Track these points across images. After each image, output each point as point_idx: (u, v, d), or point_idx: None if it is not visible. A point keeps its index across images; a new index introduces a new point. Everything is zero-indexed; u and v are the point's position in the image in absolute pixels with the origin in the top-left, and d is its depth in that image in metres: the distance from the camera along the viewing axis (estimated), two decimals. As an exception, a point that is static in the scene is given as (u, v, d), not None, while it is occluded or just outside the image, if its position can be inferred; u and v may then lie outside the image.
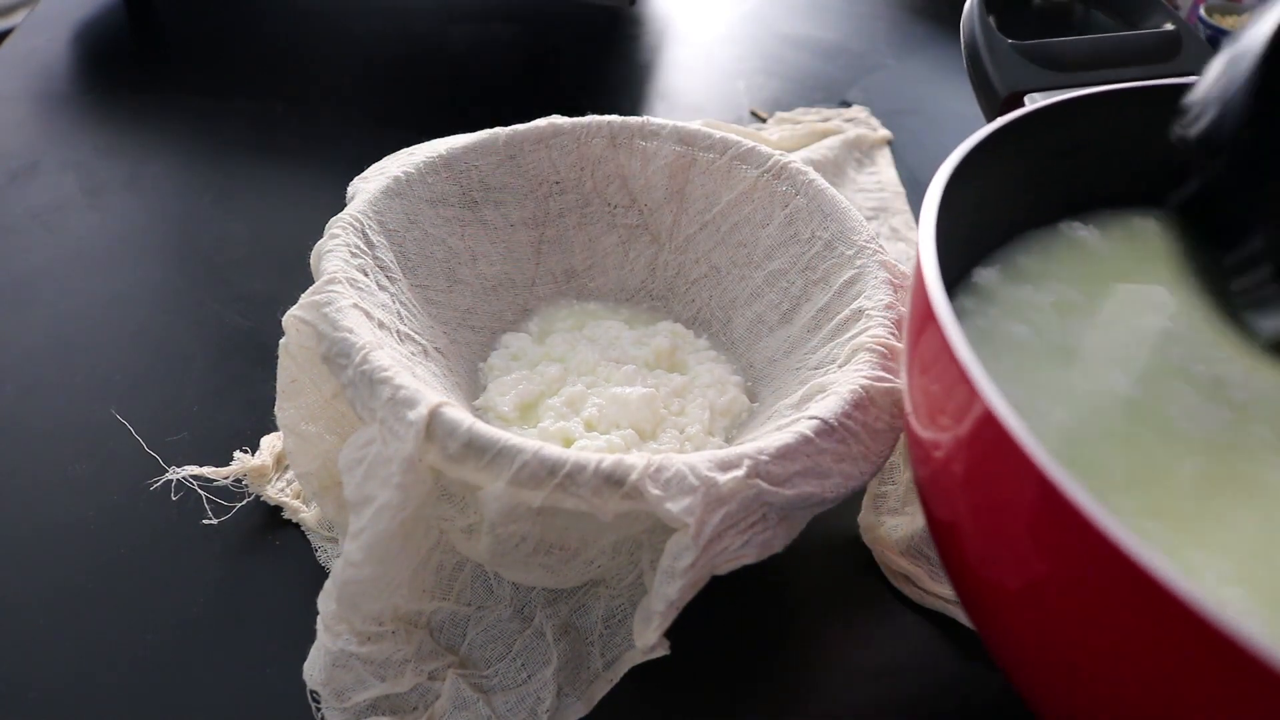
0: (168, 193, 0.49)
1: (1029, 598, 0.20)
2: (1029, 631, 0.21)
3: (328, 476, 0.31)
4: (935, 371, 0.22)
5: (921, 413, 0.24)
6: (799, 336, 0.35)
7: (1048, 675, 0.21)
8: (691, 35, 0.70)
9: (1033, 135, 0.30)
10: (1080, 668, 0.19)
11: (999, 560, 0.21)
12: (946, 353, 0.21)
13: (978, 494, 0.21)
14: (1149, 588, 0.16)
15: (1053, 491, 0.17)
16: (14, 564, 0.32)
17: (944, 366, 0.21)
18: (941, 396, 0.22)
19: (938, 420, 0.22)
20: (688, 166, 0.39)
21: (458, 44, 0.64)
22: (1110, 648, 0.18)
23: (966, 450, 0.21)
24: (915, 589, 0.33)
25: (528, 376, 0.35)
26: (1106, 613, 0.18)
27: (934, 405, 0.23)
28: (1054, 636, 0.20)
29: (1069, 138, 0.31)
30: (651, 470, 0.25)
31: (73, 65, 0.59)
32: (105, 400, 0.37)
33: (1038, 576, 0.20)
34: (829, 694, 0.31)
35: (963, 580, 0.24)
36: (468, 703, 0.28)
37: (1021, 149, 0.30)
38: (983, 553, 0.22)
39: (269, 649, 0.30)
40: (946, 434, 0.22)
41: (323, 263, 0.31)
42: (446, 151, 0.37)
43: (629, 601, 0.31)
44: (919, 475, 0.25)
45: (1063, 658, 0.20)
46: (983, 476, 0.21)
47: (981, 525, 0.22)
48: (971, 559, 0.23)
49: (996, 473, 0.20)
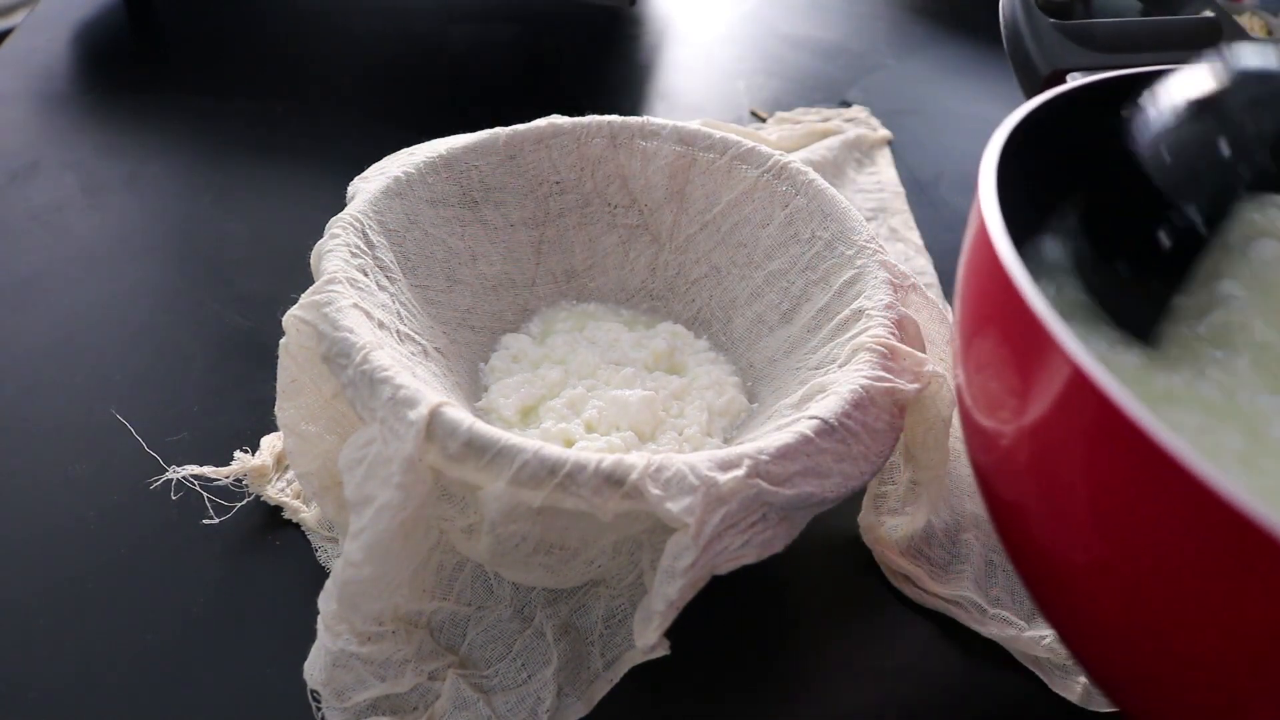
0: (168, 193, 0.50)
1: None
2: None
3: (328, 476, 0.31)
4: (1012, 340, 0.22)
5: (991, 386, 0.23)
6: (799, 336, 0.35)
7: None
8: (691, 35, 0.70)
9: (1081, 109, 0.29)
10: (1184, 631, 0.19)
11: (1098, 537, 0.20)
12: (1028, 317, 0.20)
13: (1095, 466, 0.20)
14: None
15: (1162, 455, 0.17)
16: (14, 564, 0.32)
17: (1025, 330, 0.20)
18: (1021, 360, 0.21)
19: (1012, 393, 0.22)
20: (688, 166, 0.39)
21: (458, 44, 0.64)
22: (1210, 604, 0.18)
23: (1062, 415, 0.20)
24: (915, 589, 0.33)
25: (530, 379, 0.35)
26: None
27: (1009, 373, 0.22)
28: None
29: (1113, 115, 0.31)
30: (651, 470, 0.25)
31: (73, 65, 0.59)
32: (105, 400, 0.37)
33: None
34: (829, 694, 0.31)
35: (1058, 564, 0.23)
36: (468, 703, 0.28)
37: (1074, 121, 0.29)
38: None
39: (269, 649, 0.30)
40: (1029, 401, 0.21)
41: (323, 263, 0.31)
42: (446, 151, 0.37)
43: (629, 601, 0.31)
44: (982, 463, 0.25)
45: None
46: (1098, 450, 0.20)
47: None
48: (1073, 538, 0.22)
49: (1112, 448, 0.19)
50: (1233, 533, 0.16)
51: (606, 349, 0.37)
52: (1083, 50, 0.35)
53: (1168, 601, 0.19)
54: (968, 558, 0.34)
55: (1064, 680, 0.31)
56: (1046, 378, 0.20)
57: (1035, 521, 0.23)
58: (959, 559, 0.34)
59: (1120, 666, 0.22)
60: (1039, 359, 0.20)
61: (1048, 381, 0.20)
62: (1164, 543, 0.18)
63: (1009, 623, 0.32)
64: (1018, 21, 0.36)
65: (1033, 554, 0.24)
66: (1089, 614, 0.22)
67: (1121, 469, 0.19)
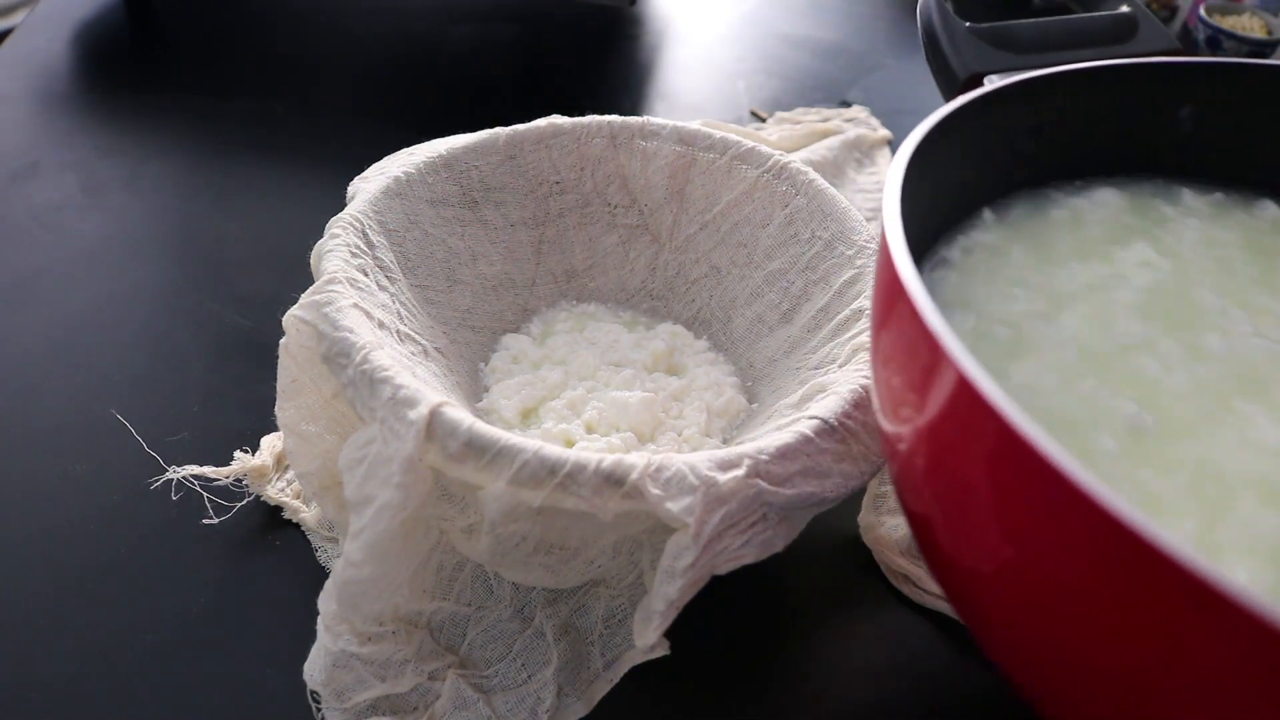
0: (168, 193, 0.50)
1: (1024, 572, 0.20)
2: (1015, 611, 0.21)
3: (328, 476, 0.31)
4: (903, 342, 0.22)
5: (893, 385, 0.24)
6: (799, 336, 0.35)
7: (1040, 656, 0.21)
8: (691, 35, 0.70)
9: (992, 114, 0.30)
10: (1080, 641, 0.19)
11: (975, 537, 0.21)
12: (915, 320, 0.21)
13: (950, 470, 0.21)
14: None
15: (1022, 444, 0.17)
16: (14, 564, 0.32)
17: (912, 332, 0.21)
18: (910, 359, 0.22)
19: (908, 393, 0.22)
20: (688, 166, 0.39)
21: (458, 44, 0.64)
22: (1098, 613, 0.18)
23: (940, 422, 0.21)
24: (915, 589, 0.33)
25: (530, 381, 0.35)
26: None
27: (904, 371, 0.22)
28: (1045, 610, 0.20)
29: (1029, 117, 0.32)
30: (651, 470, 0.25)
31: (73, 65, 0.59)
32: (105, 400, 0.37)
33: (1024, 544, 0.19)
34: (829, 694, 0.31)
35: (953, 569, 0.24)
36: (468, 703, 0.28)
37: (984, 126, 0.30)
38: (964, 530, 0.22)
39: (269, 649, 0.30)
40: (918, 409, 0.22)
41: (323, 263, 0.31)
42: (446, 151, 0.37)
43: (629, 601, 0.31)
44: (892, 472, 0.25)
45: (1062, 634, 0.20)
46: (954, 445, 0.20)
47: (957, 504, 0.21)
48: (954, 541, 0.22)
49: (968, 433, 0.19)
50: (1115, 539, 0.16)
51: (606, 350, 0.37)
52: (998, 52, 0.36)
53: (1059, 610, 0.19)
54: (968, 558, 0.34)
55: (1064, 680, 0.31)
56: (937, 386, 0.20)
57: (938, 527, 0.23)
58: (959, 559, 0.34)
59: (1038, 678, 0.22)
60: (930, 367, 0.21)
61: (938, 390, 0.21)
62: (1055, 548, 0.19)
63: (1009, 623, 0.32)
64: (934, 26, 0.36)
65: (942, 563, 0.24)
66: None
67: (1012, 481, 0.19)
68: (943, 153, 0.28)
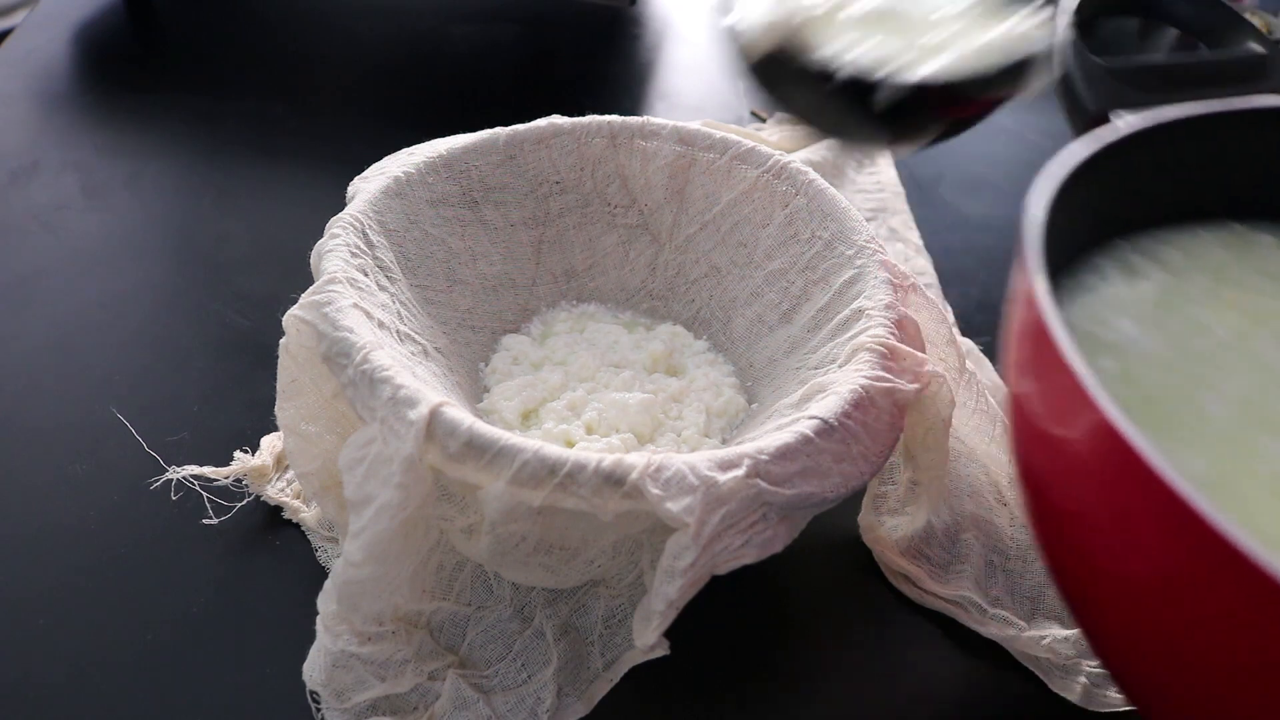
0: (168, 193, 0.50)
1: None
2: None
3: (328, 476, 0.31)
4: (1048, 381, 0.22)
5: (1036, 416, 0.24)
6: (799, 336, 0.35)
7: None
8: (691, 35, 0.70)
9: (1131, 153, 0.30)
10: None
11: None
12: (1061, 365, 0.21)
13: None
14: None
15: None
16: (14, 564, 0.32)
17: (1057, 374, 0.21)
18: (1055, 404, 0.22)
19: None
20: (688, 166, 0.39)
21: (458, 44, 0.64)
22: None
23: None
24: (915, 589, 0.33)
25: (530, 382, 0.35)
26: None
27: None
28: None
29: (1164, 157, 0.31)
30: (651, 470, 0.25)
31: (73, 65, 0.59)
32: (105, 400, 0.37)
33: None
34: (829, 694, 0.31)
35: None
36: (468, 703, 0.28)
37: (1124, 165, 0.30)
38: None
39: (269, 649, 0.30)
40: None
41: (323, 263, 0.31)
42: (446, 151, 0.37)
43: (629, 601, 0.31)
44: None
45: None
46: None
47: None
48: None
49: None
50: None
51: (606, 351, 0.37)
52: (1129, 90, 0.36)
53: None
54: (968, 558, 0.34)
55: (1064, 680, 0.31)
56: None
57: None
58: (959, 559, 0.34)
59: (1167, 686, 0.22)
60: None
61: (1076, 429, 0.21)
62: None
63: (1009, 623, 0.32)
64: (1069, 64, 0.36)
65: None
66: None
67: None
68: (1080, 191, 0.28)
